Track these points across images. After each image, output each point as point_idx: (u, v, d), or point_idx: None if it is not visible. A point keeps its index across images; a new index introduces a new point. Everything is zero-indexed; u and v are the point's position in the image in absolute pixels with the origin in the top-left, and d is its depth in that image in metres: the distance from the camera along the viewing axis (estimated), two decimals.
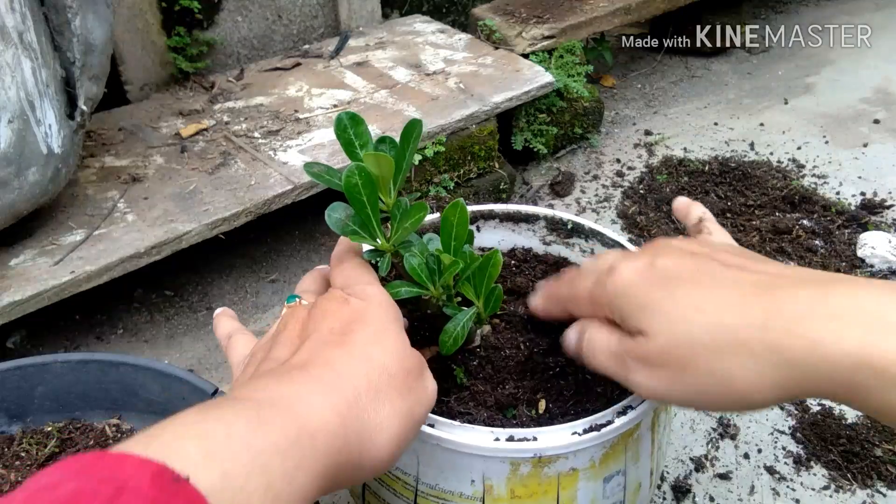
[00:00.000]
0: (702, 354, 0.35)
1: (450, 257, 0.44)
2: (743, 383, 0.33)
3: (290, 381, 0.33)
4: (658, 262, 0.39)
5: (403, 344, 0.38)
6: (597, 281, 0.42)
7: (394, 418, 0.35)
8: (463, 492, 0.47)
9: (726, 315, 0.34)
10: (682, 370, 0.36)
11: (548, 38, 1.39)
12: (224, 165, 1.10)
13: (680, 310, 0.36)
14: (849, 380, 0.30)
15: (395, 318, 0.40)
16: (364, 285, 0.41)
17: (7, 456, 0.64)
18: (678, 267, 0.38)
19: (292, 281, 1.15)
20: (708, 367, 0.34)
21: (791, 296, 0.33)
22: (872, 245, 1.10)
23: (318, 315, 0.39)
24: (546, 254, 0.66)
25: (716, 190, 1.29)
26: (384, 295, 0.41)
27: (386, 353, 0.37)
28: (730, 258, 0.38)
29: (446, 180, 1.22)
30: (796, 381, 0.32)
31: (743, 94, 1.66)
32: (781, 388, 0.33)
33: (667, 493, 0.79)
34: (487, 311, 0.50)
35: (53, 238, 0.95)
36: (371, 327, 0.38)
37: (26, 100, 0.84)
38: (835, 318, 0.31)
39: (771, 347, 0.32)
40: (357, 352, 0.36)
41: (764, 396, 0.34)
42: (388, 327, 0.38)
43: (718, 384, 0.34)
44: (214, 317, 0.49)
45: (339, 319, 0.38)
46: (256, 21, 1.41)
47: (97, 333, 1.05)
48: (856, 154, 1.41)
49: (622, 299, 0.39)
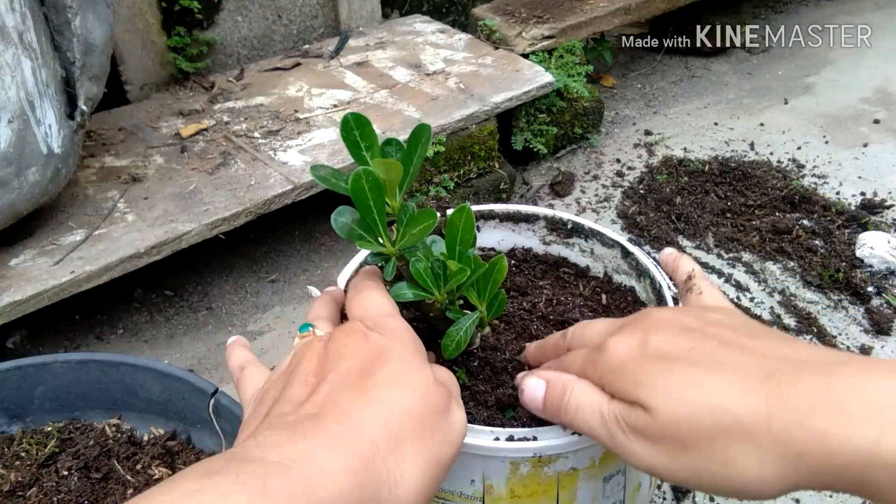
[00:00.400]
0: (703, 437, 0.33)
1: (457, 264, 0.44)
2: (746, 471, 0.32)
3: (303, 436, 0.31)
4: (651, 339, 0.38)
5: (426, 380, 0.36)
6: (587, 360, 0.41)
7: (416, 469, 0.32)
8: (463, 491, 0.47)
9: (728, 400, 0.33)
10: (684, 450, 0.34)
11: (548, 38, 1.39)
12: (224, 165, 1.10)
13: (680, 388, 0.35)
14: (860, 475, 0.29)
15: (416, 351, 0.38)
16: (385, 318, 0.40)
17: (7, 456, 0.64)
18: (673, 346, 0.37)
19: (292, 281, 1.15)
20: (710, 451, 0.33)
21: (794, 383, 0.32)
22: (871, 245, 1.10)
23: (335, 352, 0.37)
24: (546, 254, 0.66)
25: (716, 190, 1.29)
26: (406, 329, 0.39)
27: (407, 394, 0.34)
28: (727, 335, 0.37)
29: (446, 180, 1.22)
30: (804, 474, 0.31)
31: (743, 94, 1.66)
32: (788, 479, 0.32)
33: (667, 493, 0.79)
34: (490, 316, 0.50)
35: (53, 238, 0.95)
36: (391, 366, 0.36)
37: (26, 100, 0.84)
38: (843, 412, 0.30)
39: (777, 438, 0.31)
40: (377, 396, 0.34)
41: (769, 487, 0.32)
42: (410, 364, 0.36)
43: (721, 470, 0.33)
44: (228, 346, 0.47)
45: (358, 357, 0.36)
46: (256, 21, 1.41)
47: (97, 333, 1.05)
48: (856, 154, 1.41)
49: (616, 375, 0.38)
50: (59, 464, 0.63)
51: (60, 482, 0.62)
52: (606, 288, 0.63)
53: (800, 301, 1.06)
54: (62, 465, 0.63)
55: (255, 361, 0.44)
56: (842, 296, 1.07)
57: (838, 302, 1.06)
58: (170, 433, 0.68)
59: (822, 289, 1.08)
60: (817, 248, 1.14)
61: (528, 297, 0.61)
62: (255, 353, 0.46)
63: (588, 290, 0.62)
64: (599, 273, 0.64)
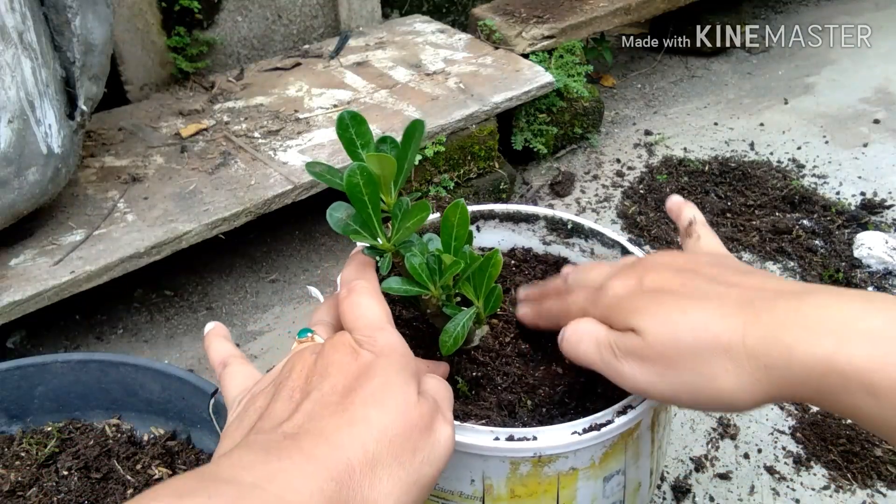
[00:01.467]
0: (687, 354, 0.37)
1: (451, 257, 0.44)
2: (725, 384, 0.36)
3: (279, 457, 0.31)
4: (646, 279, 0.42)
5: (407, 399, 0.35)
6: (588, 299, 0.45)
7: (393, 491, 0.32)
8: (463, 491, 0.47)
9: (710, 321, 0.37)
10: (669, 367, 0.38)
11: (548, 38, 1.39)
12: (224, 165, 1.10)
13: (667, 312, 0.39)
14: (819, 383, 0.33)
15: (402, 367, 0.37)
16: (376, 332, 0.39)
17: (7, 456, 0.64)
18: (665, 282, 0.41)
19: (292, 281, 1.15)
20: (693, 367, 0.37)
21: (769, 306, 0.36)
22: (869, 246, 1.10)
23: (322, 368, 0.37)
24: (546, 254, 0.66)
25: (716, 190, 1.29)
26: (396, 343, 0.39)
27: (387, 413, 0.34)
28: (715, 272, 0.41)
29: (446, 180, 1.22)
30: (774, 385, 0.35)
31: (743, 94, 1.66)
32: (761, 390, 0.36)
33: (667, 493, 0.79)
34: (487, 311, 0.50)
35: (53, 238, 0.95)
36: (373, 384, 0.35)
37: (26, 100, 0.84)
38: (807, 328, 0.34)
39: (750, 353, 0.35)
40: (356, 416, 0.33)
41: (745, 398, 0.36)
42: (392, 382, 0.36)
43: (703, 384, 0.37)
44: (205, 335, 0.46)
45: (342, 375, 0.36)
46: (256, 21, 1.41)
47: (97, 333, 1.05)
48: (856, 154, 1.41)
49: (614, 309, 0.42)
50: (59, 464, 0.63)
51: (60, 482, 0.62)
52: None
53: None
54: (62, 465, 0.63)
55: (238, 357, 0.43)
56: None
57: None
58: (170, 433, 0.68)
59: None
60: (817, 248, 1.14)
61: None
62: (255, 354, 0.46)
63: None
64: None
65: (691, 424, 0.88)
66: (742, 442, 0.85)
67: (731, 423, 0.88)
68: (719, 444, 0.85)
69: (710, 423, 0.88)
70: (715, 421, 0.88)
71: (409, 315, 0.57)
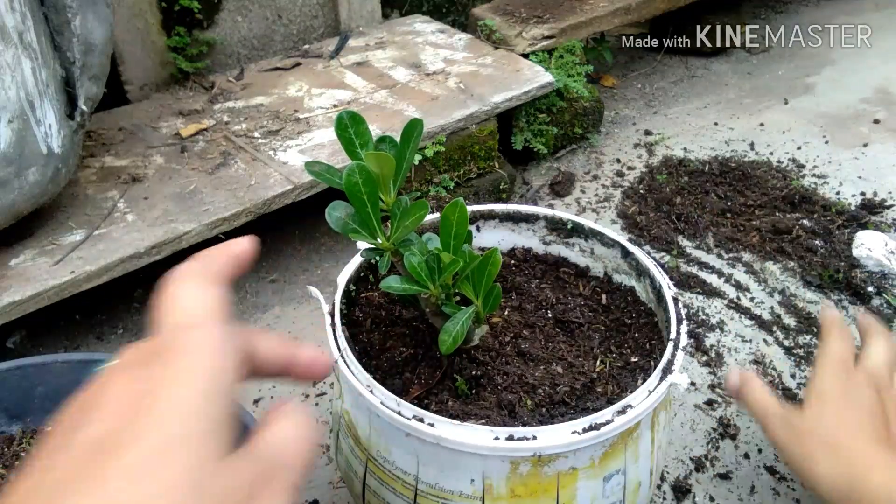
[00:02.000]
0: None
1: (450, 256, 0.44)
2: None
3: None
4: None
5: (200, 464, 0.22)
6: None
7: None
8: (463, 491, 0.47)
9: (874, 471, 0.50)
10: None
11: (548, 38, 1.39)
12: (224, 165, 1.10)
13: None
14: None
15: (206, 398, 0.23)
16: (183, 332, 0.26)
17: (7, 456, 0.64)
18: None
19: (292, 281, 1.15)
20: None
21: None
22: (869, 247, 1.10)
23: (93, 401, 0.24)
24: (546, 254, 0.66)
25: (716, 190, 1.29)
26: (208, 350, 0.25)
27: (152, 497, 0.20)
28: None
29: (446, 180, 1.22)
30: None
31: (743, 94, 1.66)
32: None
33: (667, 493, 0.79)
34: (486, 310, 0.50)
35: (53, 238, 0.95)
36: (145, 440, 0.21)
37: (26, 100, 0.84)
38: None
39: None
40: (102, 498, 0.20)
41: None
42: (179, 432, 0.22)
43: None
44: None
45: (108, 417, 0.23)
46: (256, 21, 1.41)
47: (97, 333, 1.05)
48: (856, 154, 1.41)
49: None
50: None
51: None
52: (606, 288, 0.63)
53: (800, 301, 1.06)
54: None
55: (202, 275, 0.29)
56: (842, 296, 1.07)
57: (838, 302, 1.06)
58: None
59: (822, 289, 1.08)
60: (817, 248, 1.14)
61: (529, 296, 0.61)
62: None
63: (588, 290, 0.62)
64: (599, 273, 0.64)
65: (691, 424, 0.88)
66: (742, 442, 0.85)
67: (732, 423, 0.87)
68: (719, 444, 0.85)
69: (710, 423, 0.88)
70: (715, 421, 0.88)
71: (408, 315, 0.57)
